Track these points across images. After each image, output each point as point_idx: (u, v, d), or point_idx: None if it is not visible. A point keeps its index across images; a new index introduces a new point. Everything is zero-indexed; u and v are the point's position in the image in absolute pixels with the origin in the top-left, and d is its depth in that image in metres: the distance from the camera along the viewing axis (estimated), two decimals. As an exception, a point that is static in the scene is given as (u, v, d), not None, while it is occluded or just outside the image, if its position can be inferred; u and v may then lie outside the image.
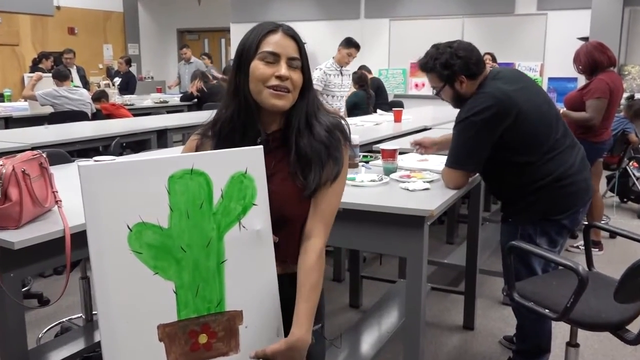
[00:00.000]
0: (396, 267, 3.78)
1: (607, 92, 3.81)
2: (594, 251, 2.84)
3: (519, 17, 8.74)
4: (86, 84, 8.48)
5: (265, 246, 1.28)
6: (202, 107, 7.15)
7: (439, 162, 2.74)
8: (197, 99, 7.45)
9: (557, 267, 2.27)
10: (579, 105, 3.89)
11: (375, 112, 6.11)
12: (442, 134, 2.96)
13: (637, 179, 5.57)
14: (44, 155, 1.89)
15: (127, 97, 7.88)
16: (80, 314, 3.10)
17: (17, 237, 1.63)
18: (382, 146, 2.81)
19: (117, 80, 8.59)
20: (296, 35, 1.36)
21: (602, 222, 4.43)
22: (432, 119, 5.16)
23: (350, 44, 5.23)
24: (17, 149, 3.38)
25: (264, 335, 1.28)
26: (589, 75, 3.93)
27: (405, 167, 2.70)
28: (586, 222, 2.43)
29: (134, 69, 10.19)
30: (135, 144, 5.12)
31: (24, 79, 8.17)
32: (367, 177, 2.46)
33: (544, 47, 8.59)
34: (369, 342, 2.80)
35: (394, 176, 2.51)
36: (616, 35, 7.30)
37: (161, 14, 12.85)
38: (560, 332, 2.85)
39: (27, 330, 1.80)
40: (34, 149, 2.55)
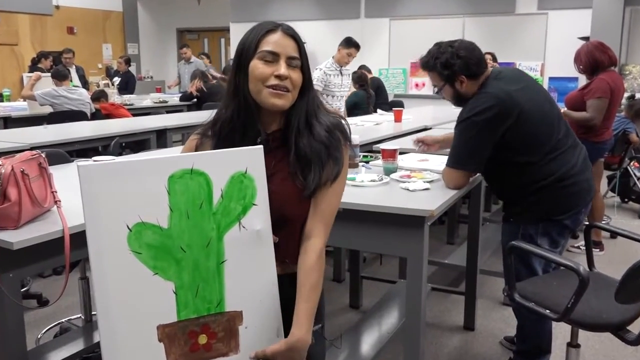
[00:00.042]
0: (396, 267, 3.78)
1: (608, 92, 3.80)
2: (595, 251, 2.83)
3: (519, 16, 8.73)
4: (85, 84, 8.48)
5: (265, 246, 1.28)
6: (202, 107, 7.13)
7: (439, 162, 2.74)
8: (197, 99, 7.43)
9: (558, 267, 2.26)
10: (580, 105, 3.88)
11: (375, 111, 6.11)
12: (444, 132, 2.95)
13: (638, 179, 5.56)
14: (43, 155, 1.88)
15: (127, 97, 7.87)
16: (79, 315, 3.09)
17: (16, 238, 1.62)
18: (383, 146, 2.81)
19: (117, 80, 8.58)
20: (296, 34, 1.36)
21: (603, 222, 4.42)
22: (432, 119, 5.16)
23: (350, 44, 5.22)
24: (16, 149, 3.37)
25: (263, 335, 1.28)
26: (590, 75, 3.93)
27: (405, 167, 2.70)
28: (587, 223, 2.42)
29: (133, 68, 10.17)
30: (134, 144, 5.12)
31: (23, 79, 8.16)
32: (367, 177, 2.45)
33: (544, 47, 8.58)
34: (369, 342, 2.79)
35: (394, 176, 2.50)
36: (617, 34, 7.29)
37: (161, 13, 12.84)
38: (561, 332, 2.85)
39: (26, 330, 1.79)
40: (33, 148, 2.54)
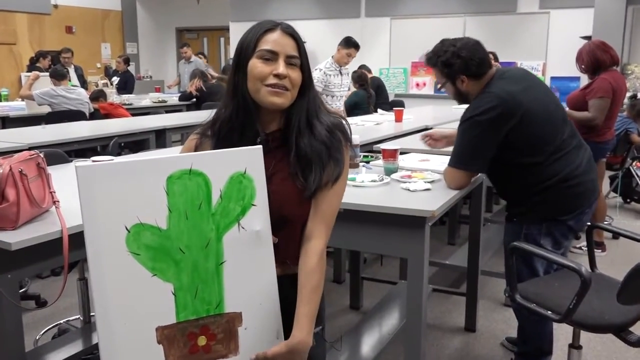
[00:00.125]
0: (397, 268, 3.77)
1: (609, 92, 3.79)
2: (597, 252, 2.83)
3: (521, 15, 8.71)
4: (84, 83, 8.47)
5: (264, 247, 1.27)
6: (201, 107, 7.12)
7: (440, 162, 2.73)
8: (196, 99, 7.42)
9: (560, 268, 2.25)
10: (582, 104, 3.86)
11: (375, 111, 6.09)
12: (452, 129, 2.93)
13: (641, 179, 5.54)
14: (42, 155, 1.87)
15: (126, 97, 7.88)
16: (78, 316, 3.08)
17: (14, 238, 1.62)
18: (383, 146, 2.80)
19: (115, 79, 8.58)
20: (295, 33, 1.35)
21: (605, 222, 4.41)
22: (433, 119, 5.16)
23: (349, 44, 5.20)
24: (14, 149, 3.36)
25: (263, 337, 1.27)
26: (592, 74, 3.91)
27: (406, 167, 2.69)
28: (589, 223, 2.41)
29: (132, 68, 10.15)
30: (133, 144, 5.11)
31: (21, 79, 8.18)
32: (367, 177, 2.44)
33: (546, 46, 8.56)
34: (369, 344, 2.79)
35: (394, 176, 2.50)
36: (619, 34, 7.26)
37: (160, 12, 12.82)
38: (562, 333, 2.84)
39: (24, 332, 1.78)
40: (31, 149, 2.52)
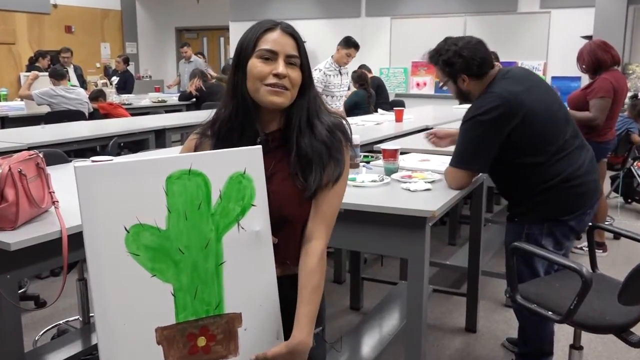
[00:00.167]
0: (397, 268, 3.77)
1: (610, 92, 3.78)
2: (598, 252, 2.82)
3: (521, 15, 8.70)
4: (83, 83, 8.46)
5: (264, 247, 1.26)
6: (201, 107, 7.11)
7: (440, 162, 2.73)
8: (196, 98, 7.42)
9: (561, 268, 2.25)
10: (583, 104, 3.85)
11: (376, 111, 6.08)
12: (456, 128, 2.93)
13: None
14: (41, 155, 1.87)
15: (125, 97, 7.87)
16: (77, 316, 3.07)
17: (14, 238, 1.62)
18: (383, 146, 2.79)
19: (115, 79, 8.58)
20: (295, 33, 1.34)
21: (606, 223, 4.41)
22: (433, 119, 5.15)
23: (349, 44, 5.18)
24: (13, 149, 3.35)
25: (263, 338, 1.27)
26: (593, 74, 3.90)
27: (406, 168, 2.68)
28: (590, 223, 2.41)
29: (131, 67, 10.15)
30: (133, 144, 5.10)
31: (20, 78, 8.16)
32: (368, 177, 2.44)
33: (547, 46, 8.54)
34: (369, 345, 2.78)
35: (395, 176, 2.49)
36: (620, 33, 7.24)
37: (159, 12, 12.81)
38: (563, 334, 2.83)
39: (23, 332, 1.78)
40: (30, 149, 2.54)
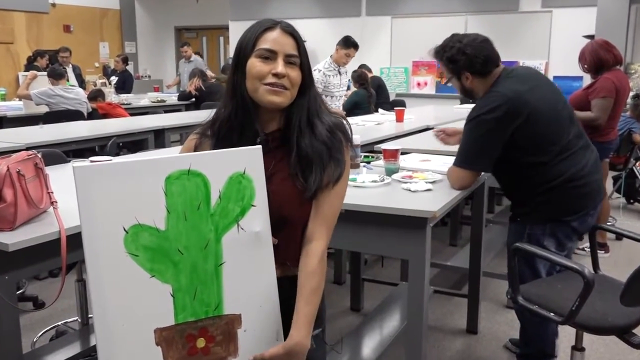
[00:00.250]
0: (398, 269, 3.76)
1: (613, 91, 3.76)
2: (600, 253, 2.79)
3: (523, 14, 8.69)
4: (82, 83, 8.45)
5: (264, 248, 1.26)
6: (200, 107, 7.11)
7: (441, 162, 2.73)
8: (195, 98, 7.41)
9: (562, 269, 2.24)
10: (585, 104, 3.83)
11: (376, 111, 6.08)
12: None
13: (644, 179, 5.50)
14: (39, 155, 1.87)
15: (124, 96, 7.87)
16: (76, 318, 3.06)
17: (12, 239, 1.61)
18: (384, 146, 2.79)
19: (114, 79, 8.55)
20: (295, 32, 1.34)
21: (608, 223, 4.40)
22: (434, 119, 5.15)
23: (348, 44, 5.17)
24: (11, 149, 3.35)
25: (263, 339, 1.26)
26: (595, 74, 3.88)
27: (407, 168, 2.68)
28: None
29: (130, 67, 10.11)
30: (132, 144, 5.10)
31: (18, 78, 8.15)
32: (368, 177, 2.43)
33: (548, 45, 8.54)
34: (370, 346, 2.78)
35: (395, 177, 2.48)
36: (622, 33, 7.21)
37: (158, 11, 12.80)
38: (565, 335, 2.82)
39: (21, 334, 1.78)
40: (28, 149, 2.53)
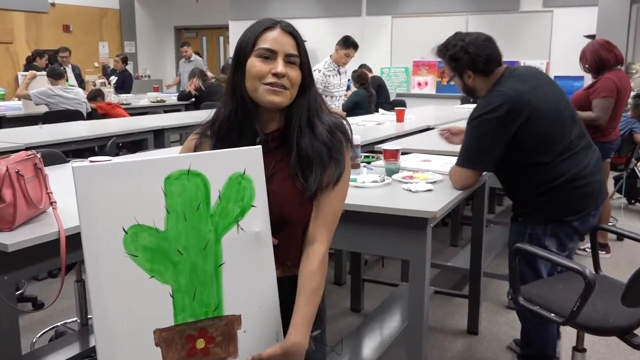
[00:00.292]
0: (398, 270, 3.75)
1: (614, 91, 3.76)
2: (601, 254, 2.79)
3: (524, 14, 8.68)
4: (81, 83, 8.45)
5: (264, 248, 1.25)
6: (200, 107, 7.11)
7: (442, 162, 2.73)
8: (195, 98, 7.41)
9: (564, 270, 2.23)
10: (586, 104, 3.82)
11: (377, 111, 6.07)
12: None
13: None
14: (39, 155, 1.86)
15: (124, 96, 7.86)
16: (75, 318, 3.05)
17: (11, 239, 1.61)
18: (384, 146, 2.78)
19: (113, 78, 8.54)
20: (295, 32, 1.33)
21: (610, 224, 4.39)
22: (435, 119, 5.14)
23: (348, 44, 5.15)
24: (11, 149, 3.34)
25: (263, 340, 1.26)
26: (596, 73, 3.88)
27: (407, 168, 2.67)
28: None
29: (130, 67, 10.10)
30: (131, 144, 5.09)
31: (17, 78, 8.16)
32: (368, 178, 2.43)
33: (549, 45, 8.53)
34: (370, 347, 2.77)
35: (396, 177, 2.48)
36: (623, 32, 7.21)
37: (158, 11, 12.79)
38: (566, 336, 2.81)
39: (21, 334, 1.78)
40: (28, 149, 2.52)
